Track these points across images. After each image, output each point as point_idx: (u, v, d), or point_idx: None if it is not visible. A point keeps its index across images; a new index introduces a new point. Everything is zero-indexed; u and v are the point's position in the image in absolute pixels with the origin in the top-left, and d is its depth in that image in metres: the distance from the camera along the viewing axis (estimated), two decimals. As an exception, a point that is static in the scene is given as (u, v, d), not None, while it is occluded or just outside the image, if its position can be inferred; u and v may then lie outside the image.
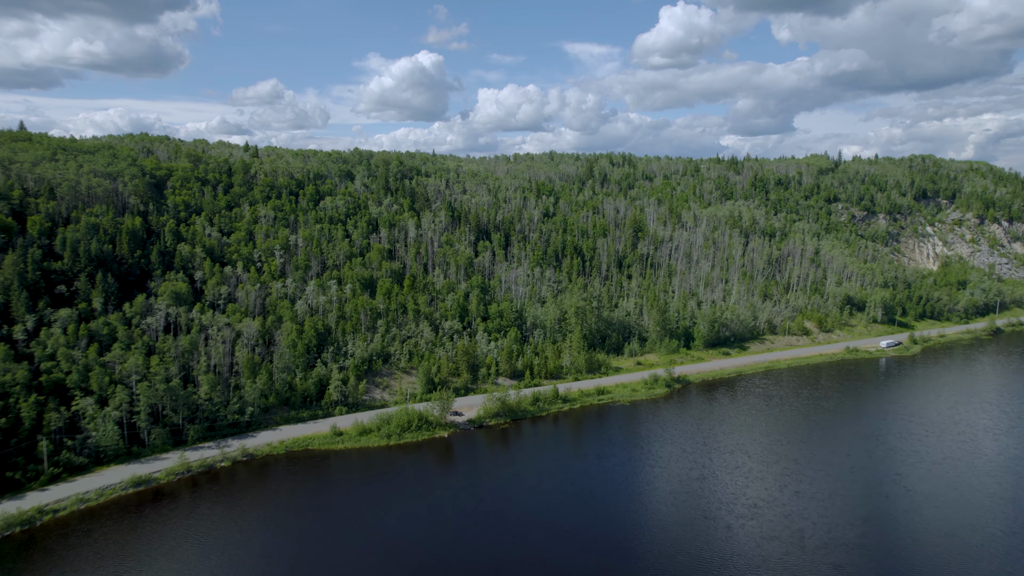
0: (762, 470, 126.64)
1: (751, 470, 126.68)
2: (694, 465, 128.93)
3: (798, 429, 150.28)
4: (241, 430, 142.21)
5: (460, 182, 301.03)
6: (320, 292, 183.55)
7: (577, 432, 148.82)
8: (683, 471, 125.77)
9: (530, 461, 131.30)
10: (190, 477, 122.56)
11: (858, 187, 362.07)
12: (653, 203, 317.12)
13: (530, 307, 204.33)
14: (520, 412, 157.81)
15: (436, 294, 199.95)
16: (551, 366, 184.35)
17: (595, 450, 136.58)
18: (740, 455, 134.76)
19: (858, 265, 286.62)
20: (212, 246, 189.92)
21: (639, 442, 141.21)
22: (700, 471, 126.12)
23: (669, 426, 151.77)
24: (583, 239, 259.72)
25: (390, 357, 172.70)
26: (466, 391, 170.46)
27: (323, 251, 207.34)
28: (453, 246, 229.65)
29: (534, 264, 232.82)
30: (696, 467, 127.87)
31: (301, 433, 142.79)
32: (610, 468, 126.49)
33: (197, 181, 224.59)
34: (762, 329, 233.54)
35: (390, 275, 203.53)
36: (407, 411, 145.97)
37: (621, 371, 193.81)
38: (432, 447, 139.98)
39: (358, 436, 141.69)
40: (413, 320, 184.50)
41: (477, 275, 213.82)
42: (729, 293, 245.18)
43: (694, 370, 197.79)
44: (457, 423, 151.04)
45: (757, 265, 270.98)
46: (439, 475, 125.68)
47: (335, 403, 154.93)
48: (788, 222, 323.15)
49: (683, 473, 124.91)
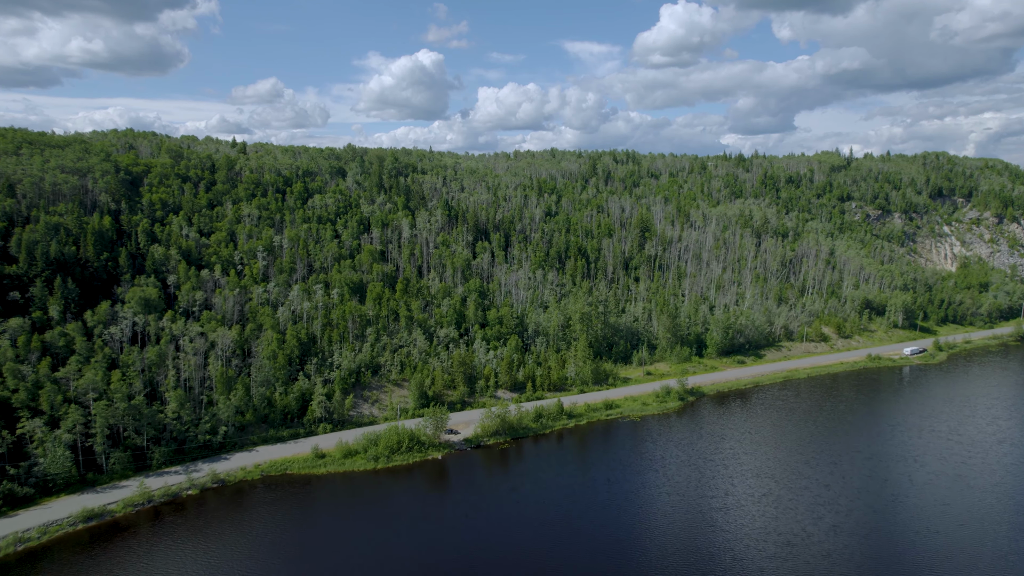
0: (792, 498, 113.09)
1: (779, 498, 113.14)
2: (715, 492, 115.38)
3: (827, 449, 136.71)
4: (213, 452, 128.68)
5: (458, 179, 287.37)
6: (305, 297, 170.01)
7: (584, 453, 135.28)
8: (703, 500, 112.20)
9: (533, 487, 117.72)
10: (152, 508, 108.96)
11: (872, 185, 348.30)
12: (659, 202, 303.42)
13: (532, 313, 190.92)
14: (521, 429, 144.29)
15: (431, 299, 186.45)
16: (555, 377, 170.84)
17: (604, 474, 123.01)
18: (766, 480, 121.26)
19: (875, 267, 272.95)
20: (189, 248, 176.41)
21: (653, 464, 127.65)
22: (722, 500, 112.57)
23: (685, 445, 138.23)
24: (587, 239, 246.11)
25: (380, 368, 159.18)
26: (462, 405, 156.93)
27: (310, 253, 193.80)
28: (450, 247, 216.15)
29: (536, 266, 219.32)
30: (718, 495, 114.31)
31: (280, 455, 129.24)
32: (622, 496, 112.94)
33: (177, 178, 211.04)
34: (778, 335, 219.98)
35: (382, 278, 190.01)
36: (397, 430, 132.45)
37: (630, 382, 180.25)
38: (424, 471, 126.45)
39: (342, 459, 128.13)
40: (405, 328, 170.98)
41: (475, 278, 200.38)
42: (743, 297, 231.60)
43: (708, 380, 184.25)
44: (452, 443, 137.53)
45: (771, 267, 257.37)
46: (431, 505, 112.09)
47: (318, 420, 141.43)
48: (800, 221, 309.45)
49: (703, 502, 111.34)
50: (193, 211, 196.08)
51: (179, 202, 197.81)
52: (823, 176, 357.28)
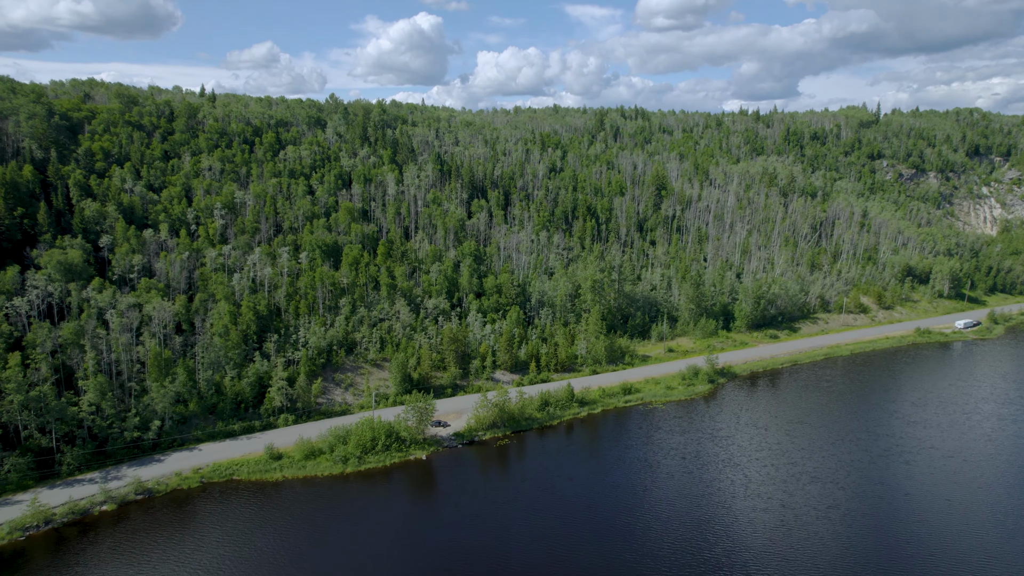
0: (864, 510, 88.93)
1: (849, 512, 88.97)
2: (768, 503, 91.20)
3: (896, 446, 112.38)
4: (145, 453, 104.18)
5: (452, 132, 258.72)
6: (268, 262, 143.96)
7: (601, 451, 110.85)
8: (755, 514, 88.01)
9: (540, 497, 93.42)
10: (49, 532, 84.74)
11: (904, 142, 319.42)
12: (674, 159, 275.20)
13: (535, 280, 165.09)
14: (524, 421, 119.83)
15: (418, 264, 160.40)
16: (562, 356, 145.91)
17: (628, 479, 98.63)
18: (830, 486, 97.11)
19: (914, 230, 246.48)
20: (132, 204, 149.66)
21: (688, 466, 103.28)
22: (780, 514, 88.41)
23: (722, 440, 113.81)
24: (597, 198, 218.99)
25: (356, 347, 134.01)
26: (454, 390, 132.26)
27: (278, 211, 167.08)
28: (441, 206, 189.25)
29: (539, 227, 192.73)
30: (772, 506, 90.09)
31: (227, 455, 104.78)
32: (652, 509, 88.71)
33: (128, 126, 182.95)
34: (813, 306, 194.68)
35: (361, 240, 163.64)
36: (371, 424, 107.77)
37: (649, 360, 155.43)
38: (405, 475, 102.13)
39: (303, 460, 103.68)
40: (387, 298, 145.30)
41: (470, 240, 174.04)
42: (771, 263, 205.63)
43: (739, 359, 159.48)
44: (440, 438, 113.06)
45: (800, 229, 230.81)
46: (411, 523, 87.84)
47: (278, 410, 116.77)
48: (828, 181, 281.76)
49: (755, 516, 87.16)
50: (143, 163, 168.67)
51: (127, 152, 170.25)
52: (851, 132, 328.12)
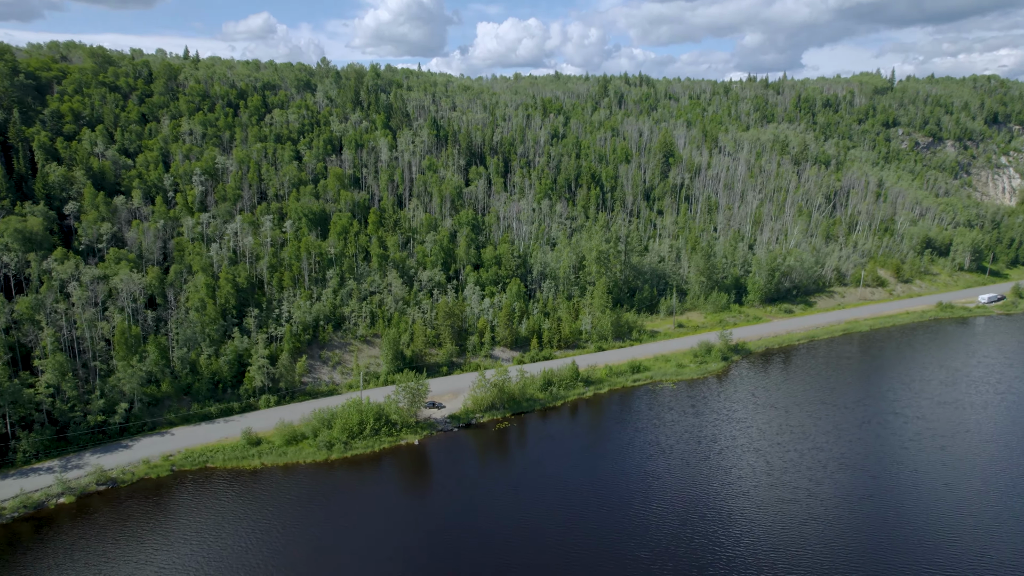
0: (905, 502, 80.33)
1: (885, 504, 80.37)
2: (794, 493, 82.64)
3: (926, 428, 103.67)
4: (112, 438, 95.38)
5: (449, 97, 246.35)
6: (250, 231, 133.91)
7: (609, 434, 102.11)
8: (783, 505, 79.43)
9: (543, 486, 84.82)
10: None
11: (921, 109, 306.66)
12: (681, 126, 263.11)
13: (537, 251, 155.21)
14: (525, 401, 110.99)
15: (412, 234, 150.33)
16: (566, 332, 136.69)
17: (639, 465, 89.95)
18: (860, 474, 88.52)
19: (932, 200, 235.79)
20: (103, 169, 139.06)
21: (704, 451, 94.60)
22: (808, 506, 79.87)
23: (742, 423, 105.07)
24: (601, 166, 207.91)
25: (344, 322, 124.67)
26: (450, 368, 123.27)
27: (263, 177, 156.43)
28: (437, 172, 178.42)
29: (541, 196, 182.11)
30: (798, 496, 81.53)
31: (201, 441, 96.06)
32: (671, 500, 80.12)
33: (102, 87, 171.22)
34: (829, 279, 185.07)
35: (351, 208, 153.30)
36: (359, 406, 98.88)
37: (658, 336, 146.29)
38: (395, 462, 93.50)
39: (284, 446, 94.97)
40: (378, 269, 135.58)
41: (468, 209, 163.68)
42: (785, 234, 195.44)
43: (753, 334, 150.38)
44: (434, 421, 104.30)
45: (815, 199, 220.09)
46: (400, 516, 79.26)
47: (259, 391, 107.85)
48: (842, 149, 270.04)
49: (784, 510, 78.59)
50: (116, 126, 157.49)
51: (99, 114, 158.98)
52: (864, 99, 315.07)
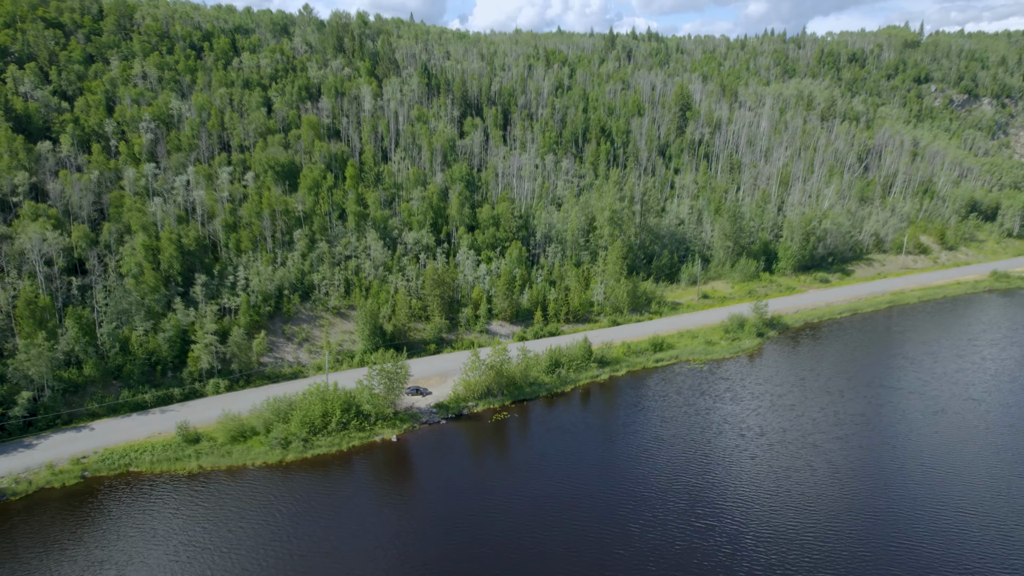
0: None
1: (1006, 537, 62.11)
2: (873, 508, 64.20)
3: (1021, 419, 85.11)
4: (11, 435, 76.76)
5: (443, 45, 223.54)
6: (205, 183, 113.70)
7: (630, 427, 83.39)
8: (866, 525, 61.08)
9: (551, 497, 66.37)
10: None
11: (955, 63, 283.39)
12: (697, 79, 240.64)
13: (540, 211, 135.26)
14: (528, 387, 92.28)
15: (396, 191, 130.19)
16: (575, 303, 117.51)
17: (669, 464, 71.40)
18: (953, 479, 70.07)
19: (975, 161, 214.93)
20: (28, 112, 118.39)
21: (750, 447, 76.06)
22: (895, 526, 61.57)
23: (790, 411, 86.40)
24: (611, 119, 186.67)
25: (313, 291, 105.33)
26: (439, 346, 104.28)
27: (225, 126, 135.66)
28: (428, 123, 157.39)
29: (545, 150, 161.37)
30: (878, 509, 63.15)
31: (125, 437, 77.45)
32: (718, 514, 61.73)
33: (40, 23, 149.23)
34: (867, 245, 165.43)
35: (327, 162, 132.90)
36: (323, 394, 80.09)
37: (680, 309, 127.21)
38: (367, 465, 74.96)
39: (228, 444, 76.40)
40: (356, 230, 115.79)
41: (462, 162, 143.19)
42: (816, 195, 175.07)
43: (787, 306, 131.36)
44: (418, 411, 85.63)
45: (846, 158, 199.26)
46: (368, 541, 60.86)
47: (208, 374, 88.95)
48: (871, 107, 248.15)
49: (872, 533, 60.25)
50: (52, 64, 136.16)
51: (33, 51, 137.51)
52: (893, 53, 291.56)
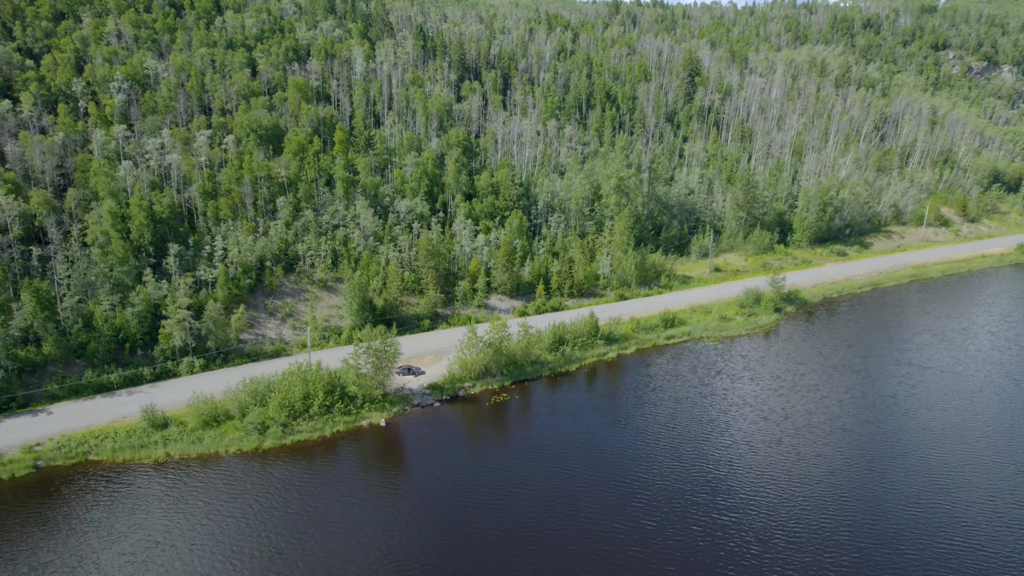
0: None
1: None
2: (919, 502, 57.49)
3: (1067, 405, 78.09)
4: (-37, 416, 69.83)
5: (439, 7, 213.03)
6: (180, 147, 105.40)
7: (642, 408, 76.36)
8: (918, 529, 54.32)
9: (557, 489, 59.58)
10: None
11: (975, 29, 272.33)
12: (705, 46, 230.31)
13: (542, 179, 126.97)
14: (529, 366, 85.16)
15: (389, 157, 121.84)
16: (580, 276, 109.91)
17: (686, 446, 64.56)
18: (1006, 469, 63.29)
19: (996, 130, 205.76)
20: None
21: (774, 431, 69.16)
22: (938, 522, 54.83)
23: (815, 392, 79.38)
24: (616, 84, 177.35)
25: (298, 263, 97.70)
26: (434, 321, 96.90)
27: (206, 88, 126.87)
28: (423, 87, 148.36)
29: (548, 115, 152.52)
30: (922, 505, 56.40)
31: (86, 423, 70.46)
32: (744, 507, 55.00)
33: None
34: (885, 217, 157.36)
35: (315, 126, 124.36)
36: (304, 374, 72.92)
37: (691, 283, 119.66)
38: (352, 452, 68.05)
39: (200, 429, 69.40)
40: (344, 197, 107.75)
41: (460, 127, 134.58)
42: (832, 165, 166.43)
43: (804, 280, 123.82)
44: (409, 392, 78.55)
45: (863, 127, 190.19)
46: (352, 538, 54.13)
47: (181, 352, 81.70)
48: (887, 74, 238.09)
49: (926, 538, 53.50)
50: (16, 20, 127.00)
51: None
52: (910, 19, 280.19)
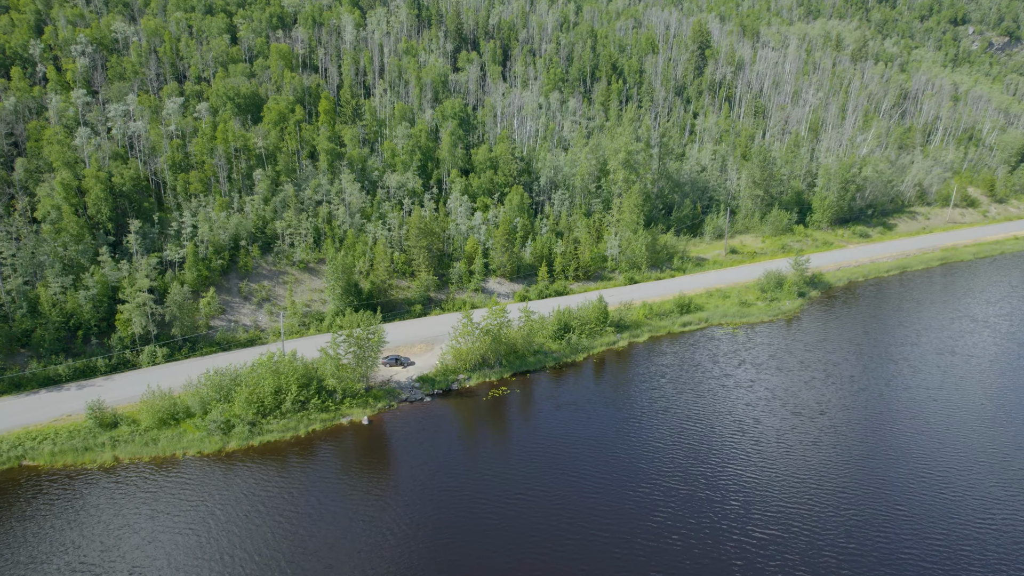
0: None
1: None
2: (992, 516, 48.86)
3: None
4: None
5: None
6: (148, 115, 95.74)
7: (659, 405, 67.55)
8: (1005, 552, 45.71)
9: (566, 498, 50.91)
10: None
11: (996, 3, 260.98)
12: (714, 19, 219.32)
13: (544, 154, 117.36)
14: (532, 356, 76.33)
15: (379, 128, 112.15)
16: (586, 258, 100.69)
17: (713, 447, 55.88)
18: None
19: (1022, 107, 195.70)
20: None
21: (811, 430, 60.47)
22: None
23: (850, 384, 70.60)
24: (623, 57, 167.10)
25: (276, 242, 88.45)
26: (426, 307, 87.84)
27: (180, 54, 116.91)
28: (417, 57, 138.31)
29: (550, 87, 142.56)
30: (996, 520, 47.77)
31: (23, 421, 61.74)
32: (785, 521, 46.42)
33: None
34: (908, 197, 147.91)
35: (298, 95, 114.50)
36: (276, 365, 64.03)
37: (706, 265, 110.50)
38: (330, 456, 59.27)
39: (156, 428, 60.62)
40: (328, 171, 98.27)
41: (456, 98, 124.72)
42: (851, 142, 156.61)
43: (827, 263, 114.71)
44: (397, 385, 69.69)
45: (880, 103, 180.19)
46: (325, 565, 45.46)
47: (142, 340, 72.71)
48: (904, 49, 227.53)
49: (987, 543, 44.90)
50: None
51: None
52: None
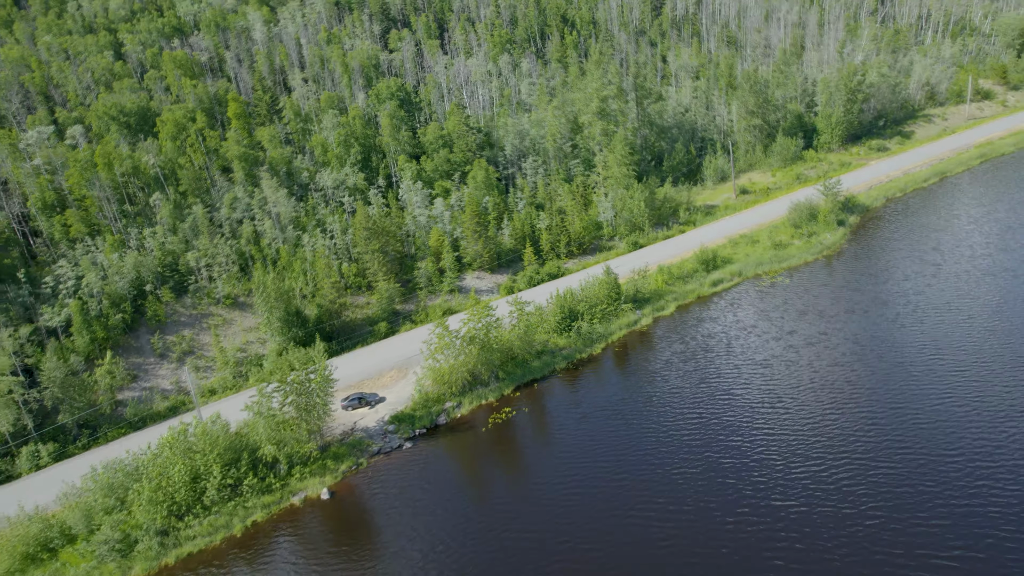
0: None
1: None
2: None
3: None
4: None
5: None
6: (6, 151, 76.86)
7: (713, 398, 49.76)
8: None
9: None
10: None
11: None
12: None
13: (504, 120, 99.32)
14: (535, 360, 58.45)
15: (303, 124, 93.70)
16: (577, 229, 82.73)
17: (862, 494, 38.28)
18: None
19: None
20: None
21: (944, 408, 42.98)
22: None
23: (949, 331, 53.33)
24: (571, 8, 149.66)
25: (191, 280, 69.74)
26: (393, 323, 69.35)
27: (53, 80, 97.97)
28: (341, 44, 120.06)
29: (498, 51, 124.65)
30: None
31: None
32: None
33: None
34: (918, 100, 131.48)
35: (203, 104, 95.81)
36: (187, 444, 45.48)
37: (716, 213, 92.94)
38: (280, 555, 40.81)
39: (20, 571, 41.91)
40: (246, 181, 79.73)
41: (393, 78, 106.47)
42: (842, 51, 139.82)
43: (855, 184, 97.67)
44: (364, 433, 51.46)
45: (858, 11, 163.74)
46: None
47: (15, 440, 54.01)
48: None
49: None
50: None
51: None
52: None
